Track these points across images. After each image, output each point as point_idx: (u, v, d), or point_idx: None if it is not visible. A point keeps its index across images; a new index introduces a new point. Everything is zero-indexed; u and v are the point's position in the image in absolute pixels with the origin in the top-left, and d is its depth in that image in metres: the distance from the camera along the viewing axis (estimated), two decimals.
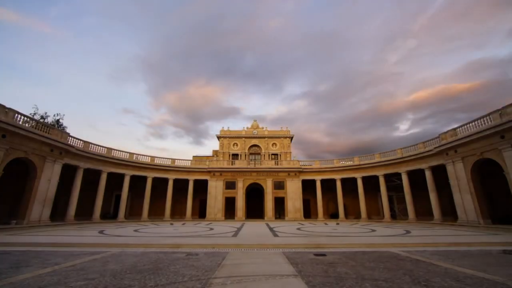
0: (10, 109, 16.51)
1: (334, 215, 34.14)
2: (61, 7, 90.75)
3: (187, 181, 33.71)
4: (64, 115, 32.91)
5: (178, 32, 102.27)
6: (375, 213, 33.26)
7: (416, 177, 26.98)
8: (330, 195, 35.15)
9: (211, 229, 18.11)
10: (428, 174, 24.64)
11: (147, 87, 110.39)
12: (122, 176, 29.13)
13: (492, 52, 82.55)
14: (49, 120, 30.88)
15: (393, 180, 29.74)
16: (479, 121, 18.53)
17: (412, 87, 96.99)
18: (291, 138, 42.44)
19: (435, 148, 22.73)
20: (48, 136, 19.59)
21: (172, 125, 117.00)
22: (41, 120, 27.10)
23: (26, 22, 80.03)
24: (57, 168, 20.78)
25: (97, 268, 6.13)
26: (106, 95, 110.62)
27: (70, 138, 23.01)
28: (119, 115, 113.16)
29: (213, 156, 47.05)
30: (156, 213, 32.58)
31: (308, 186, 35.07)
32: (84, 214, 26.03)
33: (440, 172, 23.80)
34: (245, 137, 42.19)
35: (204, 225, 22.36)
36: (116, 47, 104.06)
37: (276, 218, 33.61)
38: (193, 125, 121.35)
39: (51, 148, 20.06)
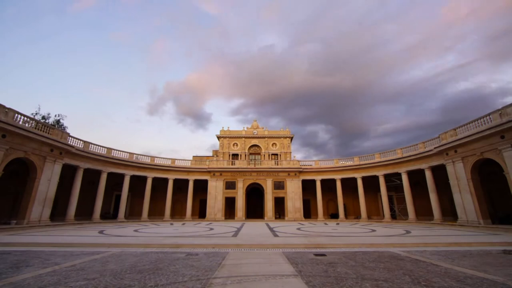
0: (10, 109, 16.49)
1: (334, 215, 34.14)
2: None
3: (187, 181, 33.70)
4: (66, 116, 32.96)
5: None
6: (375, 213, 33.25)
7: (416, 177, 26.98)
8: (330, 195, 35.16)
9: (211, 229, 18.11)
10: (428, 174, 24.63)
11: None
12: (122, 176, 29.11)
13: None
14: (50, 120, 30.91)
15: (393, 180, 29.74)
16: (479, 121, 18.50)
17: None
18: (291, 138, 42.43)
19: (435, 148, 22.72)
20: (48, 136, 19.56)
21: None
22: (42, 121, 27.10)
23: None
24: (57, 168, 20.77)
25: (97, 268, 6.13)
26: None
27: (70, 138, 23.00)
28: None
29: (213, 156, 47.08)
30: (156, 213, 32.62)
31: (308, 186, 35.06)
32: (84, 214, 26.06)
33: (440, 172, 23.78)
34: (245, 137, 42.15)
35: (204, 225, 22.35)
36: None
37: (276, 218, 33.62)
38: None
39: (51, 148, 20.04)
